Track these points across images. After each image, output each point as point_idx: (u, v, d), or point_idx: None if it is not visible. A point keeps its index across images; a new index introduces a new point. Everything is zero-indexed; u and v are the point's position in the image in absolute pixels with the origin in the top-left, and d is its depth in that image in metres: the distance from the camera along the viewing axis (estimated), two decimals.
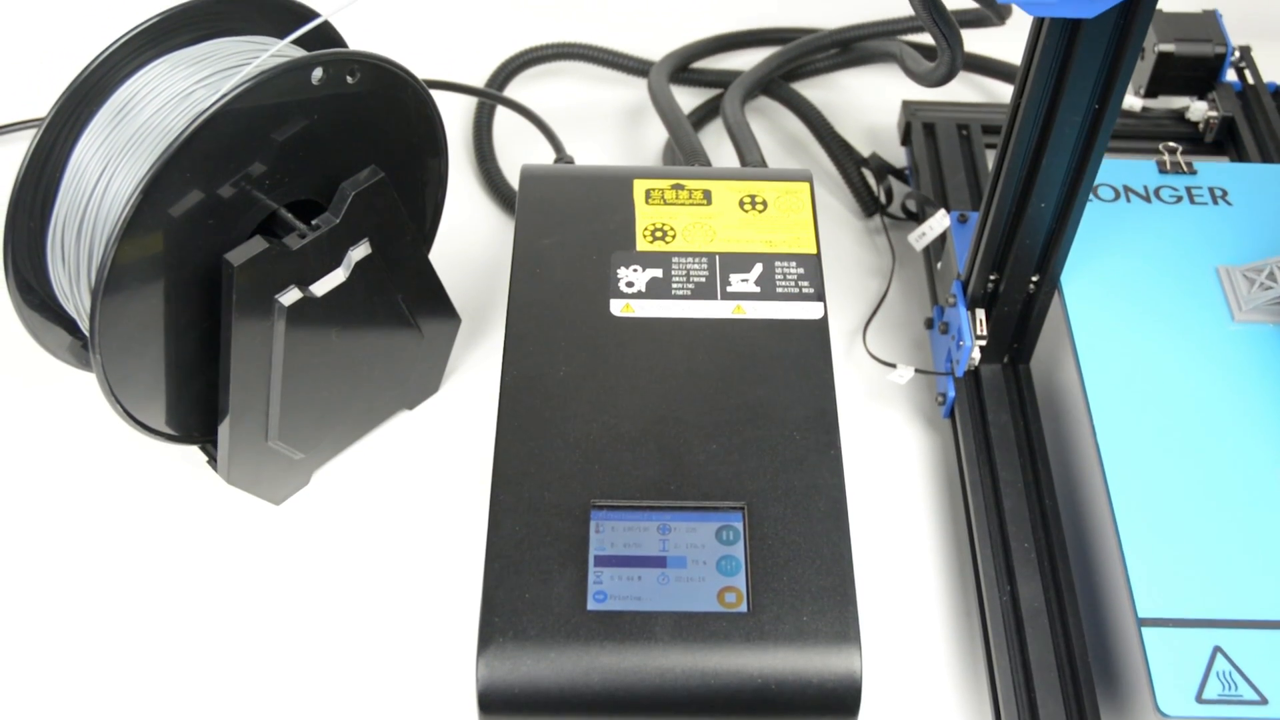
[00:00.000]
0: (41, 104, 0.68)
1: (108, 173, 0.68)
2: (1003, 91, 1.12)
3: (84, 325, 0.72)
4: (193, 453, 0.80)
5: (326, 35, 0.76)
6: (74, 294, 0.70)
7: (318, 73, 0.67)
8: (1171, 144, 0.90)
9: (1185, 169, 0.88)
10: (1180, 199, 0.86)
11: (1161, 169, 0.88)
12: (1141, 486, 0.70)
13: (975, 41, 1.12)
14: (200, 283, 0.69)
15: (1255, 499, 0.70)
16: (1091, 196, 0.84)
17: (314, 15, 0.73)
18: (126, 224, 0.63)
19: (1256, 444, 0.72)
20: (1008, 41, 1.12)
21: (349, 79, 0.69)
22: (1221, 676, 0.64)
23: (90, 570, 0.77)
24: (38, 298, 0.72)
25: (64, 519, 0.79)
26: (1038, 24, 0.67)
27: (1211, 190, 0.86)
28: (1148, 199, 0.86)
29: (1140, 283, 0.80)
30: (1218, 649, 0.65)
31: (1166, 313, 0.78)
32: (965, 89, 1.12)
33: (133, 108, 0.68)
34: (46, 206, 0.69)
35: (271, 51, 0.69)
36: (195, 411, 0.75)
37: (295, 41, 0.70)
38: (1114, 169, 0.87)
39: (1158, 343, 0.77)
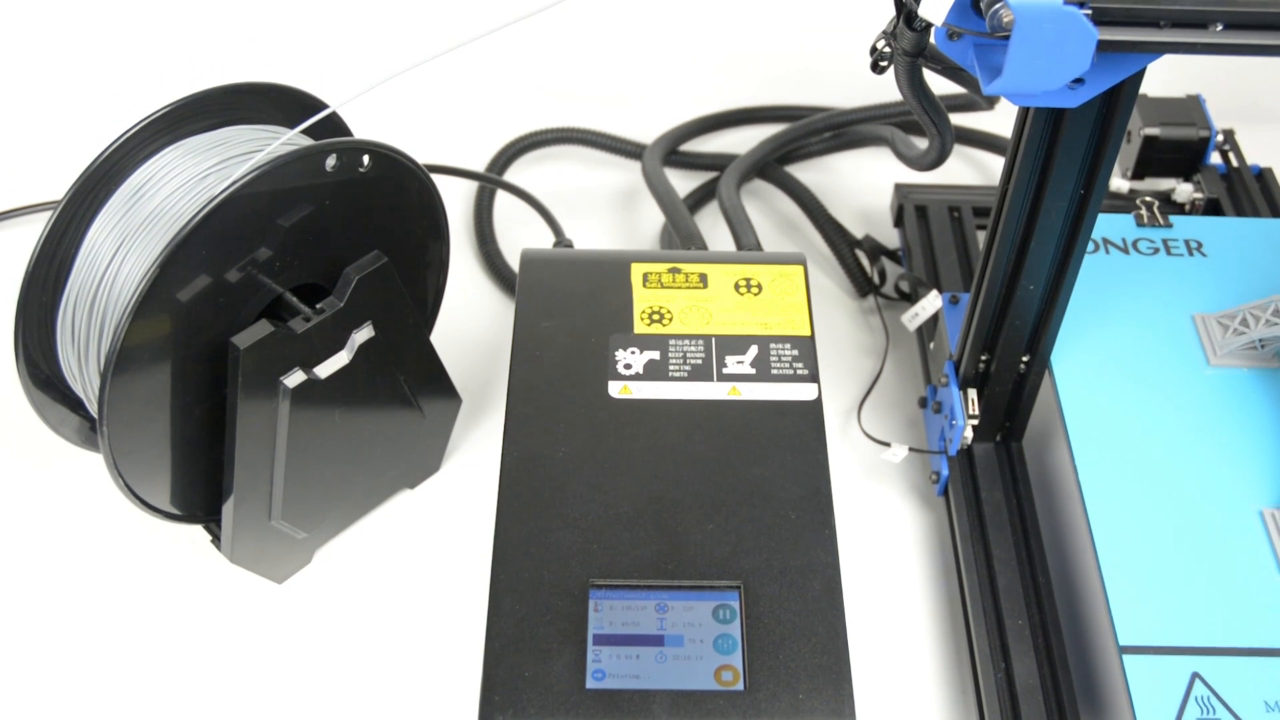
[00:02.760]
0: (60, 188, 0.70)
1: (121, 253, 0.69)
2: (994, 169, 1.14)
3: (90, 404, 0.74)
4: (196, 531, 0.81)
5: (333, 123, 0.78)
6: (82, 373, 0.72)
7: (331, 160, 0.69)
8: (1148, 198, 0.92)
9: (1162, 222, 0.90)
10: (1157, 250, 0.88)
11: (1139, 222, 0.91)
12: (1131, 556, 0.72)
13: (967, 123, 1.14)
14: (206, 363, 0.70)
15: (1233, 536, 0.72)
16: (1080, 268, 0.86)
17: (322, 105, 0.75)
18: (136, 308, 0.65)
19: (1232, 481, 0.75)
20: (998, 122, 1.14)
21: (359, 167, 0.71)
22: (1200, 701, 0.66)
23: (94, 649, 0.77)
24: (44, 375, 0.73)
25: (67, 598, 0.80)
26: (1023, 113, 0.69)
27: (1187, 242, 0.89)
28: (1126, 251, 0.88)
29: (1121, 337, 0.82)
30: (1196, 675, 0.66)
31: (1145, 363, 0.81)
32: (958, 165, 1.14)
33: (147, 191, 0.70)
34: (59, 283, 0.70)
35: (282, 140, 0.71)
36: (199, 491, 0.75)
37: (303, 131, 0.71)
38: None
39: (1138, 391, 0.79)
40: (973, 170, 1.15)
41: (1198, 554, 0.72)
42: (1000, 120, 1.15)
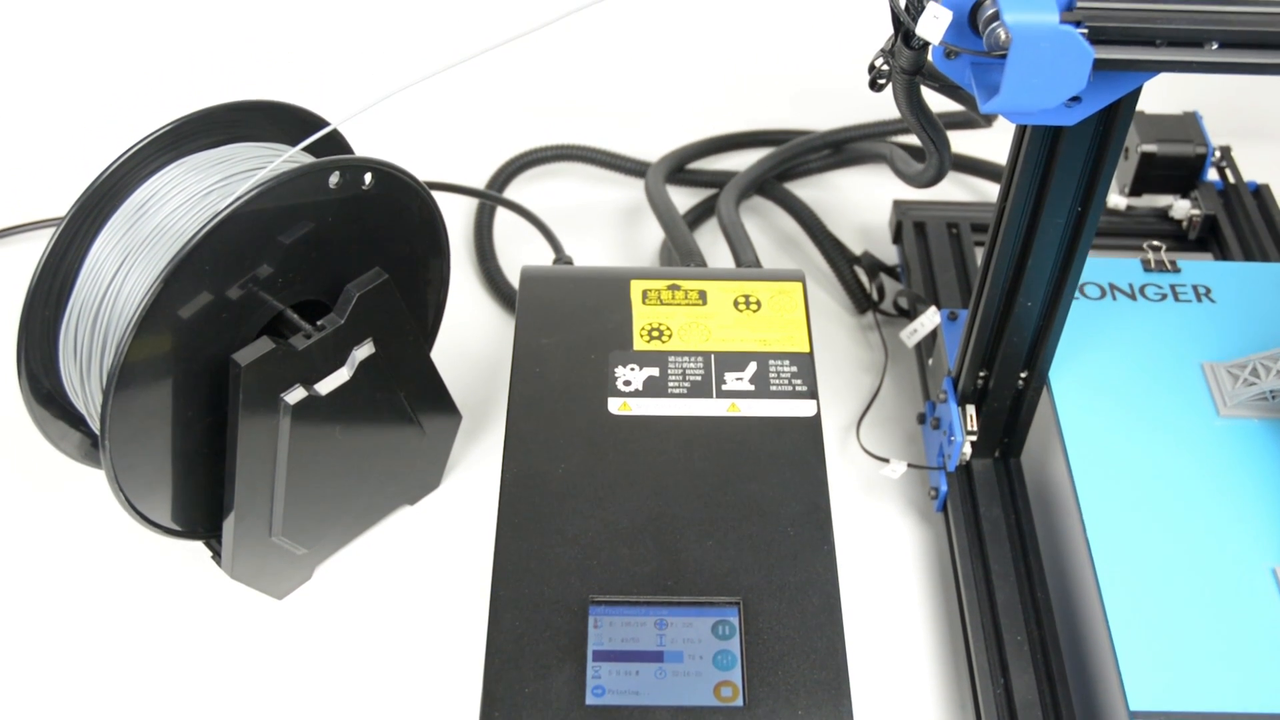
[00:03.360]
0: (64, 205, 0.71)
1: (124, 267, 0.69)
2: (991, 190, 1.14)
3: (91, 420, 0.74)
4: (196, 547, 0.81)
5: (334, 141, 0.78)
6: (84, 388, 0.72)
7: (334, 177, 0.70)
8: (1155, 243, 0.92)
9: (1169, 267, 0.90)
10: (1165, 296, 0.88)
11: (1146, 267, 0.90)
12: (1131, 580, 0.72)
13: (964, 141, 1.15)
14: (207, 378, 0.70)
15: (1243, 591, 0.71)
16: (1078, 294, 0.86)
17: (324, 123, 0.75)
18: (138, 325, 0.65)
19: (1243, 537, 0.73)
20: (996, 140, 1.15)
21: (362, 185, 0.72)
22: None
23: (96, 665, 0.77)
24: (45, 390, 0.73)
25: (70, 615, 0.80)
26: (1020, 130, 0.69)
27: (1195, 288, 0.88)
28: (1133, 297, 0.88)
29: (1127, 379, 0.82)
30: None
31: (1153, 408, 0.80)
32: (954, 188, 1.15)
33: (150, 207, 0.70)
34: (62, 298, 0.71)
35: (284, 157, 0.71)
36: (199, 507, 0.76)
37: (305, 148, 0.72)
38: (1100, 268, 0.89)
39: (1145, 437, 0.78)
40: (969, 190, 1.15)
41: (1208, 613, 0.70)
42: (998, 139, 1.15)
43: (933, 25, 0.57)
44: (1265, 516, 0.74)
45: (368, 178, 0.72)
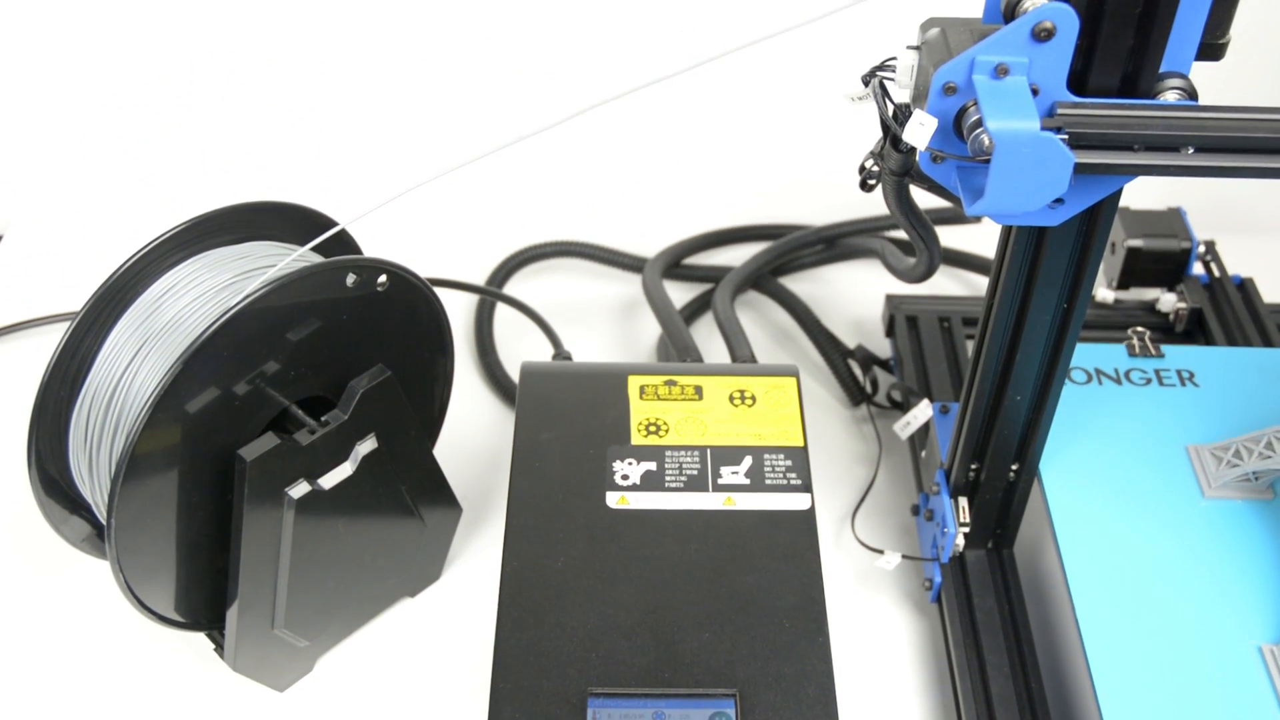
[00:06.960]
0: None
1: (139, 357, 0.71)
2: (983, 283, 1.16)
3: (94, 505, 0.74)
4: (198, 639, 0.82)
5: (343, 240, 0.80)
6: (92, 475, 0.72)
7: (351, 277, 0.71)
8: (1140, 328, 0.94)
9: (1154, 352, 0.92)
10: (1150, 381, 0.89)
11: (1131, 352, 0.92)
12: (1123, 668, 0.72)
13: (955, 235, 1.17)
14: (212, 468, 0.71)
15: (1232, 671, 0.72)
16: (1065, 379, 0.87)
17: (333, 223, 0.77)
18: (148, 416, 0.66)
19: (1230, 616, 0.74)
20: (987, 233, 1.17)
21: (375, 286, 0.73)
22: None
23: None
24: (49, 475, 0.74)
25: (73, 708, 0.80)
26: (1006, 229, 0.71)
27: (1179, 373, 0.90)
28: (1119, 381, 0.89)
29: (1114, 464, 0.83)
30: None
31: (1140, 492, 0.81)
32: (947, 281, 1.17)
33: (168, 299, 0.72)
34: (78, 381, 0.72)
35: (292, 257, 0.73)
36: (200, 597, 0.76)
37: (314, 247, 0.74)
38: (1086, 353, 0.91)
39: (1133, 522, 0.79)
40: (961, 283, 1.17)
41: (1199, 695, 0.71)
42: (989, 232, 1.17)
43: (919, 132, 0.59)
44: (1251, 596, 0.75)
45: (381, 279, 0.73)
